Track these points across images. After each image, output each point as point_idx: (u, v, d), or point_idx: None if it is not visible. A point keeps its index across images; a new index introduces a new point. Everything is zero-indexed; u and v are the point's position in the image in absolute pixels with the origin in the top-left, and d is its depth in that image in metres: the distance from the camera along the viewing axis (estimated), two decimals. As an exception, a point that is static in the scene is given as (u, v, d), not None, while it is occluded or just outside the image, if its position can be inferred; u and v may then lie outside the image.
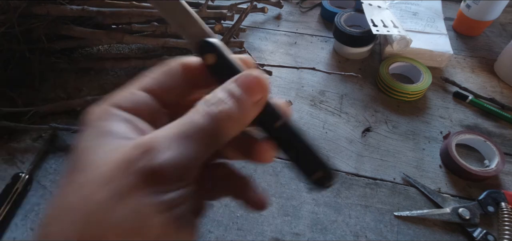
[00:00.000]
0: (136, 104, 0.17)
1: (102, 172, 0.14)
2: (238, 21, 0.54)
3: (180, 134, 0.15)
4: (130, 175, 0.14)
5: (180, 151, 0.15)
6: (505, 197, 0.41)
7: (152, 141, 0.15)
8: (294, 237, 0.40)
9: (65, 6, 0.51)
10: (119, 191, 0.14)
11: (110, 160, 0.14)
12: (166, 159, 0.14)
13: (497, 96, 0.56)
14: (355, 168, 0.47)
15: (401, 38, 0.58)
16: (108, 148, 0.15)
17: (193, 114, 0.16)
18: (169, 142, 0.15)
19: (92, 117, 0.17)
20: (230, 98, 0.16)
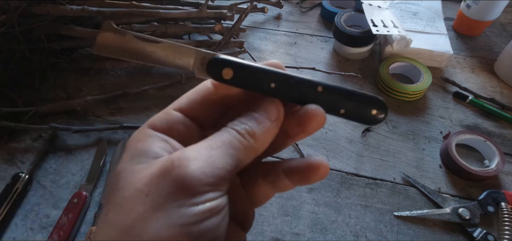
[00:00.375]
0: (170, 124, 0.19)
1: (138, 188, 0.15)
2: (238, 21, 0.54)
3: (209, 147, 0.16)
4: (163, 186, 0.15)
5: (208, 160, 0.16)
6: (505, 197, 0.41)
7: (182, 153, 0.16)
8: (294, 237, 0.40)
9: (65, 6, 0.51)
10: (155, 203, 0.15)
11: (144, 176, 0.16)
12: (197, 167, 0.15)
13: (497, 96, 0.56)
14: (355, 168, 0.47)
15: (401, 38, 0.58)
16: (143, 166, 0.16)
17: (222, 132, 0.17)
18: (199, 153, 0.16)
19: (130, 140, 0.18)
20: (250, 119, 0.18)
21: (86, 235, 0.39)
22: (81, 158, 0.48)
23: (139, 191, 0.15)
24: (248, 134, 0.17)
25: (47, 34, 0.53)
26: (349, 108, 0.18)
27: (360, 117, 0.18)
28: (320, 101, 0.18)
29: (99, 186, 0.45)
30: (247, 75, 0.18)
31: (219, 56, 0.18)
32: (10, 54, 0.54)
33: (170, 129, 0.19)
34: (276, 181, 0.21)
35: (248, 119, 0.18)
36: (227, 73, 0.18)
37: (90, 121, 0.53)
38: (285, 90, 0.18)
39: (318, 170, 0.19)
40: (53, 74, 0.60)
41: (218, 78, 0.18)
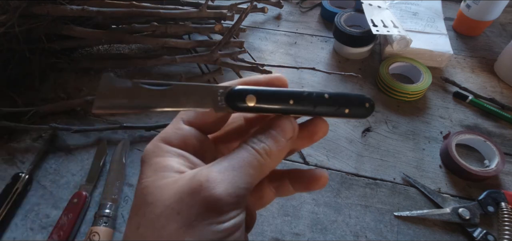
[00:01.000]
0: (184, 139, 0.20)
1: (170, 206, 0.16)
2: (238, 21, 0.54)
3: (232, 167, 0.17)
4: (194, 206, 0.16)
5: (232, 182, 0.17)
6: (505, 197, 0.41)
7: (209, 174, 0.17)
8: (294, 237, 0.40)
9: (65, 6, 0.51)
10: (186, 221, 0.16)
11: (174, 194, 0.17)
12: (224, 189, 0.16)
13: (497, 96, 0.56)
14: (355, 168, 0.47)
15: (401, 38, 0.58)
16: (169, 182, 0.17)
17: (241, 151, 0.18)
18: (224, 175, 0.17)
19: (147, 154, 0.19)
20: (268, 138, 0.19)
21: (86, 235, 0.39)
22: (81, 158, 0.48)
23: (171, 209, 0.16)
24: (266, 153, 0.19)
25: (47, 34, 0.53)
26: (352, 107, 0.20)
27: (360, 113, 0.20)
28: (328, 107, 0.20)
29: (99, 186, 0.45)
30: (268, 97, 0.19)
31: (236, 87, 0.18)
32: (10, 54, 0.54)
33: (185, 144, 0.20)
34: (280, 186, 0.23)
35: (266, 137, 0.19)
36: (251, 99, 0.18)
37: (90, 121, 0.53)
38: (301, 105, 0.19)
39: (319, 180, 0.22)
40: (53, 74, 0.60)
41: (239, 108, 0.18)
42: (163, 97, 0.17)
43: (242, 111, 0.18)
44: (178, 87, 0.18)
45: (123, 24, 0.59)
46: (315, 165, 0.47)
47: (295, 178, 0.23)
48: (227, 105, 0.18)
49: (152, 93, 0.17)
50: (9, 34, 0.50)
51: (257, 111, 0.19)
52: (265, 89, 0.19)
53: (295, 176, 0.23)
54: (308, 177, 0.22)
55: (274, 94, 0.19)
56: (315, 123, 0.21)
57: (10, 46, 0.52)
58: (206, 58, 0.56)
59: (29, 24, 0.51)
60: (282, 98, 0.19)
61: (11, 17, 0.48)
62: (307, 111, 0.19)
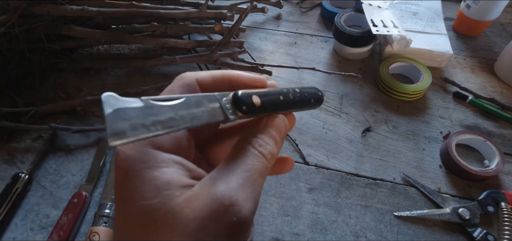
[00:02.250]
0: (177, 142, 0.17)
1: (193, 231, 0.14)
2: (238, 21, 0.54)
3: (249, 182, 0.17)
4: (221, 231, 0.15)
5: (254, 198, 0.17)
6: (505, 197, 0.41)
7: (232, 195, 0.16)
8: (294, 237, 0.40)
9: (65, 6, 0.51)
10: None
11: (194, 218, 0.14)
12: (249, 209, 0.16)
13: (497, 96, 0.56)
14: (355, 168, 0.47)
15: (401, 38, 0.58)
16: (181, 203, 0.15)
17: (251, 159, 0.17)
18: (246, 195, 0.16)
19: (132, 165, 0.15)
20: (270, 139, 0.19)
21: (86, 235, 0.39)
22: (81, 158, 0.48)
23: (195, 235, 0.14)
24: (272, 158, 0.18)
25: (47, 34, 0.53)
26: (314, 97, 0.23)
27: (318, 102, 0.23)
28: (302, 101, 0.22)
29: (99, 186, 0.45)
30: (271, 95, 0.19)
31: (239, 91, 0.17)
32: (10, 54, 0.54)
33: (178, 148, 0.17)
34: None
35: (269, 138, 0.19)
36: (257, 100, 0.18)
37: (90, 121, 0.53)
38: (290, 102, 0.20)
39: (286, 164, 0.23)
40: (53, 74, 0.60)
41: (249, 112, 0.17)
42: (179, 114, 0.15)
43: (251, 114, 0.18)
44: (190, 99, 0.15)
45: (123, 24, 0.60)
46: (315, 165, 0.47)
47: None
48: (237, 109, 0.17)
49: (166, 110, 0.14)
50: (9, 34, 0.50)
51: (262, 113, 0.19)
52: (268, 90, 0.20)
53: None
54: (277, 162, 0.22)
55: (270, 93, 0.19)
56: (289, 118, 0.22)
57: (10, 46, 0.52)
58: (206, 58, 0.56)
59: (29, 24, 0.51)
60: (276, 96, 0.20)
61: (11, 17, 0.48)
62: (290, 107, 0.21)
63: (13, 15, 0.48)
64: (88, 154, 0.48)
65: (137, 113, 0.13)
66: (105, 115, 0.12)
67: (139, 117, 0.13)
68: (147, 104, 0.14)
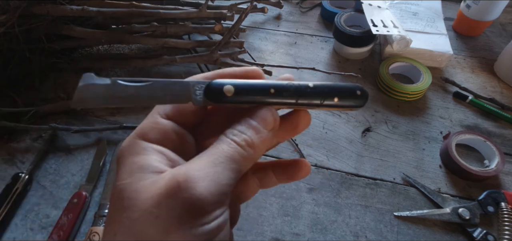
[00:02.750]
0: (162, 134, 0.18)
1: (147, 210, 0.15)
2: (238, 21, 0.54)
3: (212, 163, 0.16)
4: (173, 208, 0.15)
5: (214, 179, 0.16)
6: (505, 197, 0.41)
7: (188, 172, 0.16)
8: (294, 237, 0.40)
9: (65, 6, 0.51)
10: (166, 226, 0.15)
11: (151, 196, 0.15)
12: (205, 188, 0.15)
13: (497, 96, 0.56)
14: (355, 168, 0.47)
15: (401, 38, 0.58)
16: (146, 183, 0.16)
17: (220, 145, 0.17)
18: (204, 172, 0.16)
19: (122, 153, 0.18)
20: (249, 129, 0.18)
21: (86, 235, 0.39)
22: (81, 158, 0.48)
23: (149, 213, 0.15)
24: (248, 145, 0.18)
25: (47, 34, 0.53)
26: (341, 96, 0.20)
27: (352, 102, 0.20)
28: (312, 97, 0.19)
29: (99, 186, 0.45)
30: (247, 87, 0.19)
31: (214, 80, 0.18)
32: (10, 54, 0.54)
33: (164, 139, 0.18)
34: (264, 178, 0.22)
35: (247, 128, 0.18)
36: (229, 90, 0.18)
37: (90, 121, 0.53)
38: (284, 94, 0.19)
39: (302, 170, 0.22)
40: (53, 74, 0.60)
41: (218, 100, 0.18)
42: (140, 93, 0.17)
43: (221, 103, 0.18)
44: (156, 83, 0.18)
45: (123, 24, 0.59)
46: (315, 165, 0.47)
47: (278, 169, 0.22)
48: (206, 97, 0.18)
49: (130, 89, 0.17)
50: (9, 34, 0.50)
51: (236, 102, 0.19)
52: (244, 81, 0.19)
53: (278, 166, 0.22)
54: (291, 167, 0.22)
55: (253, 84, 0.19)
56: (297, 114, 0.21)
57: (10, 46, 0.52)
58: (206, 58, 0.56)
59: (29, 24, 0.51)
60: (262, 88, 0.19)
61: (11, 17, 0.48)
62: (290, 103, 0.19)
63: (13, 15, 0.48)
64: (88, 154, 0.48)
65: (102, 88, 0.17)
66: (78, 86, 0.17)
67: (103, 91, 0.17)
68: (114, 82, 0.17)
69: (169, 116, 0.19)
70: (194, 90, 0.18)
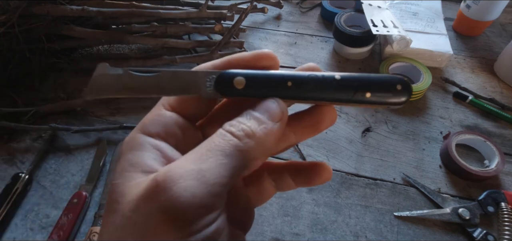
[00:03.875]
0: (164, 127, 0.17)
1: (126, 215, 0.13)
2: (238, 21, 0.54)
3: (198, 159, 0.14)
4: (151, 214, 0.13)
5: (198, 178, 0.13)
6: (505, 197, 0.41)
7: (168, 170, 0.13)
8: (294, 237, 0.40)
9: (65, 6, 0.51)
10: (144, 233, 0.13)
11: (131, 200, 0.14)
12: (185, 188, 0.13)
13: (497, 96, 0.56)
14: (355, 168, 0.47)
15: (401, 38, 0.58)
16: (132, 184, 0.14)
17: (213, 137, 0.15)
18: (186, 170, 0.13)
19: (123, 148, 0.16)
20: (250, 119, 0.16)
21: (86, 235, 0.39)
22: (81, 158, 0.48)
23: (127, 218, 0.13)
24: (246, 136, 0.15)
25: (47, 34, 0.53)
26: (375, 90, 0.16)
27: (389, 98, 0.17)
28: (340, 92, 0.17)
29: (99, 186, 0.45)
30: (261, 79, 0.17)
31: (226, 71, 0.17)
32: (10, 54, 0.54)
33: (166, 132, 0.17)
34: (279, 179, 0.20)
35: (247, 119, 0.16)
36: (239, 82, 0.17)
37: (90, 121, 0.53)
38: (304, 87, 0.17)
39: (322, 174, 0.19)
40: (53, 74, 0.60)
41: (228, 92, 0.17)
42: (150, 84, 0.17)
43: (231, 95, 0.17)
44: (166, 74, 0.17)
45: (123, 24, 0.60)
46: (315, 165, 0.47)
47: (296, 172, 0.20)
48: (216, 90, 0.17)
49: (141, 79, 0.17)
50: (9, 34, 0.50)
51: (249, 95, 0.17)
52: (257, 72, 0.17)
53: (296, 169, 0.20)
54: (310, 170, 0.19)
55: (267, 76, 0.17)
56: (320, 109, 0.18)
57: (10, 46, 0.52)
58: (206, 58, 0.56)
59: (29, 24, 0.51)
60: (278, 80, 0.17)
61: (11, 17, 0.48)
62: (311, 97, 0.17)
63: (13, 15, 0.48)
64: (88, 154, 0.48)
65: (114, 78, 0.17)
66: (93, 76, 0.17)
67: (115, 82, 0.17)
68: (126, 72, 0.17)
69: (173, 107, 0.18)
70: (204, 81, 0.17)
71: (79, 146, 0.49)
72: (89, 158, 0.48)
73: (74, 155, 0.48)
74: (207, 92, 0.17)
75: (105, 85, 0.17)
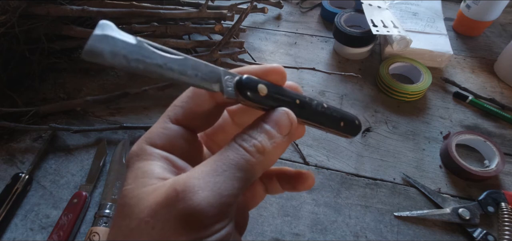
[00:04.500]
0: (170, 140, 0.18)
1: (144, 219, 0.14)
2: (238, 21, 0.54)
3: (214, 171, 0.15)
4: (169, 220, 0.14)
5: (215, 189, 0.14)
6: (505, 197, 0.41)
7: (187, 181, 0.15)
8: (294, 237, 0.40)
9: (65, 6, 0.51)
10: (161, 238, 0.14)
11: (149, 205, 0.14)
12: (203, 198, 0.14)
13: (497, 96, 0.56)
14: (355, 168, 0.47)
15: (401, 38, 0.58)
16: (147, 190, 0.15)
17: (227, 151, 0.16)
18: (204, 182, 0.15)
19: (130, 158, 0.17)
20: (261, 133, 0.17)
21: (86, 235, 0.39)
22: (81, 158, 0.48)
23: (145, 222, 0.14)
24: (258, 151, 0.16)
25: (47, 34, 0.53)
26: (346, 121, 0.21)
27: (352, 129, 0.21)
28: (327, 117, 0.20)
29: (99, 186, 0.45)
30: (279, 93, 0.18)
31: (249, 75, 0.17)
32: (10, 54, 0.54)
33: (171, 145, 0.17)
34: (269, 184, 0.22)
35: (258, 133, 0.17)
36: (262, 89, 0.17)
37: (90, 121, 0.53)
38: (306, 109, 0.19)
39: (305, 182, 0.21)
40: (53, 74, 0.60)
41: (250, 97, 0.17)
42: (168, 65, 0.15)
43: (251, 101, 0.17)
44: (188, 60, 0.15)
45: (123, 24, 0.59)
46: (315, 166, 0.47)
47: (282, 177, 0.22)
48: (237, 90, 0.16)
49: (157, 57, 0.14)
50: (9, 34, 0.50)
51: (265, 104, 0.17)
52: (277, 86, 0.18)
53: (282, 175, 0.22)
54: (295, 178, 0.21)
55: (284, 92, 0.18)
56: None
57: (10, 46, 0.52)
58: (206, 59, 0.56)
59: (29, 24, 0.51)
60: (290, 98, 0.18)
61: (11, 17, 0.48)
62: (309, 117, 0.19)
63: (13, 15, 0.48)
64: (88, 154, 0.48)
65: (124, 45, 0.14)
66: (93, 34, 0.13)
67: (125, 49, 0.13)
68: (140, 43, 0.14)
69: (179, 121, 0.18)
70: (225, 79, 0.16)
71: (79, 146, 0.49)
72: (89, 158, 0.48)
73: (74, 155, 0.48)
74: (228, 91, 0.16)
75: (110, 49, 0.13)
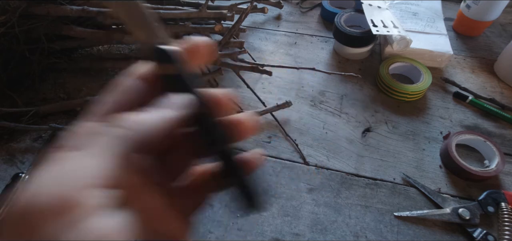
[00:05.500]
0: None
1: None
2: (238, 21, 0.54)
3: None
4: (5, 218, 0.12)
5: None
6: (505, 197, 0.41)
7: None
8: (294, 237, 0.40)
9: (65, 6, 0.51)
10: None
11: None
12: (40, 191, 0.12)
13: (497, 96, 0.56)
14: (355, 168, 0.47)
15: (401, 38, 0.58)
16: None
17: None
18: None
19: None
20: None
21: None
22: (81, 158, 0.48)
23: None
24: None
25: (47, 34, 0.53)
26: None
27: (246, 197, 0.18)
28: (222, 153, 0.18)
29: (99, 186, 0.45)
30: (180, 83, 0.17)
31: (170, 48, 0.17)
32: (10, 54, 0.54)
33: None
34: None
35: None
36: (171, 68, 0.17)
37: (90, 121, 0.53)
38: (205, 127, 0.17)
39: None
40: (53, 74, 0.60)
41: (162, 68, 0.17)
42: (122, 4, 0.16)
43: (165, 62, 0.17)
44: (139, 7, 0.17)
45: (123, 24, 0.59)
46: (315, 166, 0.47)
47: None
48: (153, 56, 0.17)
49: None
50: (9, 34, 0.50)
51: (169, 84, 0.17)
52: (188, 77, 0.17)
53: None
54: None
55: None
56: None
57: (10, 46, 0.52)
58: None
59: (29, 24, 0.51)
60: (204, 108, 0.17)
61: (11, 17, 0.48)
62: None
63: (13, 15, 0.48)
64: (88, 154, 0.48)
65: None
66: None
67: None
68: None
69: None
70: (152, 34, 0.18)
71: (79, 146, 0.49)
72: (89, 158, 0.48)
73: (74, 155, 0.48)
74: (148, 52, 0.17)
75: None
